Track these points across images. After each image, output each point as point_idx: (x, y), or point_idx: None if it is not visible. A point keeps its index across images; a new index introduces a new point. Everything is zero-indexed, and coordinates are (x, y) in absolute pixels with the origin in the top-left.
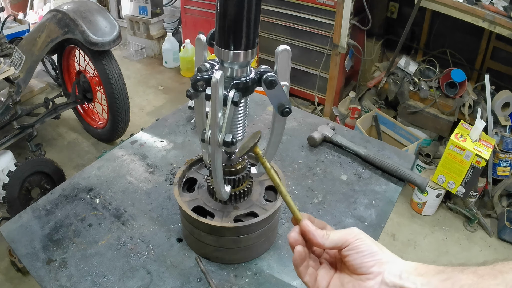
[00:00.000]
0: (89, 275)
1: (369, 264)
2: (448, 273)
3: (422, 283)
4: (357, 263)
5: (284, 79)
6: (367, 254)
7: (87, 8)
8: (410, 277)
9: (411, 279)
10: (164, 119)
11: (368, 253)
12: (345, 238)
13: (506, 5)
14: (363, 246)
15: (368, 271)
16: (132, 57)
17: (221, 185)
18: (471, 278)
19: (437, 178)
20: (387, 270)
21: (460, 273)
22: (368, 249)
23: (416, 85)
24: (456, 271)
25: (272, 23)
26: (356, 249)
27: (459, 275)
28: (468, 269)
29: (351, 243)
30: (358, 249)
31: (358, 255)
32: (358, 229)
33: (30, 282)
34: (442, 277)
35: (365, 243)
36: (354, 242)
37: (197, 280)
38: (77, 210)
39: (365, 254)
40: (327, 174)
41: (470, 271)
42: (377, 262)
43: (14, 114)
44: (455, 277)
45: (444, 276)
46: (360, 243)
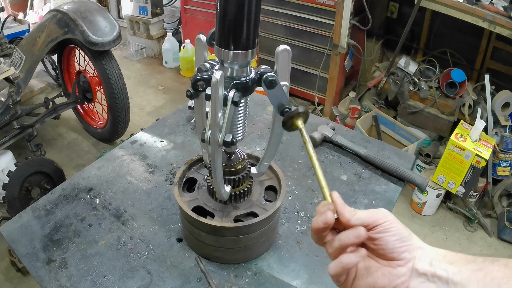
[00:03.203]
0: (89, 275)
1: (401, 250)
2: (479, 263)
3: (454, 272)
4: (389, 248)
5: (284, 79)
6: (398, 239)
7: (87, 8)
8: (441, 265)
9: (442, 266)
10: (164, 119)
11: (400, 238)
12: (374, 217)
13: (506, 5)
14: (394, 229)
15: (400, 257)
16: (132, 57)
17: (221, 185)
18: (502, 270)
19: (437, 178)
20: (418, 256)
21: (491, 264)
22: (399, 233)
23: (416, 85)
24: (487, 262)
25: (272, 23)
26: (387, 232)
27: (490, 266)
28: (498, 260)
29: (381, 225)
30: (389, 232)
31: (390, 238)
32: (386, 210)
33: (30, 282)
34: (474, 267)
35: (395, 227)
36: (384, 224)
37: (197, 280)
38: (77, 210)
39: (397, 238)
40: (327, 174)
41: (502, 263)
42: (409, 247)
43: (14, 114)
44: (486, 268)
45: (475, 266)
46: (391, 226)
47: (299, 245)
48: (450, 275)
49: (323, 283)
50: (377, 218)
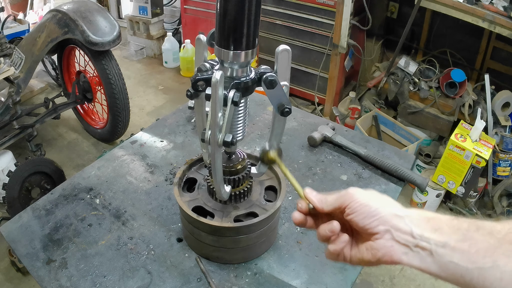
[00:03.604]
0: (89, 275)
1: (372, 225)
2: (464, 232)
3: (437, 243)
4: (360, 226)
5: (284, 79)
6: (365, 216)
7: (87, 8)
8: (424, 234)
9: (425, 236)
10: (164, 119)
11: (366, 215)
12: (340, 200)
13: (506, 5)
14: (359, 207)
15: (374, 231)
16: (132, 57)
17: (221, 185)
18: (487, 240)
19: (437, 178)
20: (395, 227)
21: (476, 233)
22: (365, 210)
23: (416, 85)
24: (471, 230)
25: (272, 23)
26: (354, 212)
27: (475, 235)
28: (483, 228)
29: (347, 206)
30: (356, 211)
31: (358, 217)
32: (353, 189)
33: (30, 282)
34: (459, 237)
35: (360, 203)
36: (350, 205)
37: (197, 280)
38: (77, 210)
39: (364, 216)
40: (327, 174)
41: (486, 232)
42: (380, 220)
43: (14, 114)
44: (471, 238)
45: (460, 236)
46: (356, 205)
47: (299, 245)
48: (433, 247)
49: (323, 283)
50: (343, 200)
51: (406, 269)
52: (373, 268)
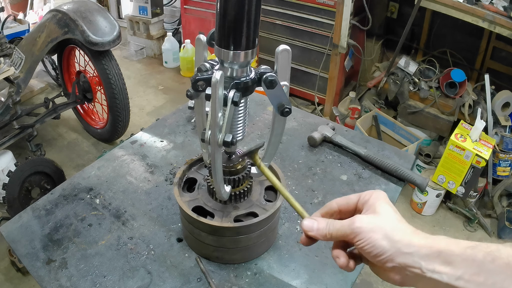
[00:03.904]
0: (89, 275)
1: (382, 262)
2: (479, 264)
3: (450, 277)
4: (372, 261)
5: (284, 79)
6: (374, 255)
7: (87, 8)
8: (435, 269)
9: (436, 271)
10: (164, 119)
11: (375, 254)
12: (344, 233)
13: (506, 5)
14: (367, 246)
15: (385, 267)
16: (132, 57)
17: (221, 185)
18: (504, 271)
19: (437, 178)
20: (403, 264)
21: (492, 264)
22: (373, 250)
23: (416, 85)
24: (487, 262)
25: (272, 23)
26: (363, 248)
27: (490, 266)
28: (500, 258)
29: (355, 242)
30: (364, 250)
31: (368, 255)
32: (358, 221)
33: (30, 282)
34: (473, 270)
35: (368, 244)
36: (357, 242)
37: (197, 280)
38: (77, 210)
39: (373, 255)
40: (327, 174)
41: (503, 262)
42: (388, 258)
43: (14, 114)
44: (487, 272)
45: (475, 269)
46: (363, 244)
47: (299, 245)
48: (446, 279)
49: (323, 283)
50: (347, 234)
51: None
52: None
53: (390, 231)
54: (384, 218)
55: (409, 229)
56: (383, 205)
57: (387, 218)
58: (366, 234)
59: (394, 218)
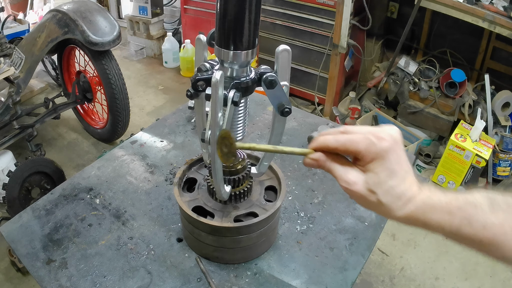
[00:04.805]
0: (89, 275)
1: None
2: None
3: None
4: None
5: (284, 79)
6: (376, 182)
7: (87, 8)
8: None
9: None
10: (164, 119)
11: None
12: (356, 148)
13: (506, 5)
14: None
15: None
16: (132, 57)
17: (221, 185)
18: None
19: (437, 178)
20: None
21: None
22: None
23: (416, 85)
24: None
25: (272, 23)
26: (375, 171)
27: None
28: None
29: (367, 163)
30: (376, 172)
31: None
32: (367, 140)
33: (30, 282)
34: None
35: (380, 173)
36: (368, 164)
37: (197, 280)
38: (77, 210)
39: (375, 182)
40: (327, 174)
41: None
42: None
43: (14, 114)
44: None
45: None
46: (376, 168)
47: (299, 245)
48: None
49: (323, 283)
50: (360, 150)
51: (406, 269)
52: (373, 268)
53: (397, 174)
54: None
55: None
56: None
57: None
58: (378, 167)
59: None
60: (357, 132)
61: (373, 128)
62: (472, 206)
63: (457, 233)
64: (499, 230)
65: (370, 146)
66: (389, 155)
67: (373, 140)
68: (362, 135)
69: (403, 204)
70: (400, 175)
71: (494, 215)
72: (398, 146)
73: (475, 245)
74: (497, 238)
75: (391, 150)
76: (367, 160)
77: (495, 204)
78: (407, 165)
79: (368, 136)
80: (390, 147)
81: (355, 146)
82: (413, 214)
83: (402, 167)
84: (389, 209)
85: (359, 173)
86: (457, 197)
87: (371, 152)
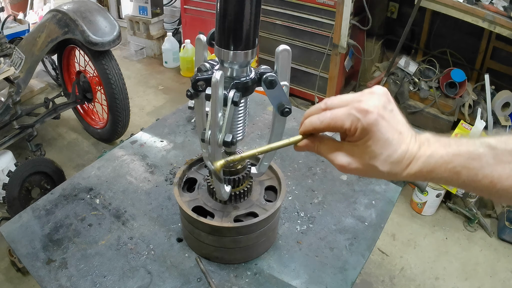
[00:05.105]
0: (89, 275)
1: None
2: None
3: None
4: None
5: (284, 79)
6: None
7: (87, 8)
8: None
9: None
10: (164, 119)
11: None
12: (342, 126)
13: (506, 5)
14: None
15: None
16: (132, 57)
17: (221, 185)
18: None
19: None
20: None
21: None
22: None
23: (416, 85)
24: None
25: (272, 23)
26: (366, 144)
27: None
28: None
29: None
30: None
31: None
32: (351, 117)
33: (30, 282)
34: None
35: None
36: (358, 140)
37: (197, 280)
38: (77, 210)
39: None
40: (327, 174)
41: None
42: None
43: (14, 114)
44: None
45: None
46: (367, 142)
47: (299, 245)
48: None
49: (323, 283)
50: (345, 125)
51: (406, 269)
52: (373, 268)
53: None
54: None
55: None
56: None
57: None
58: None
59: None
60: (339, 105)
61: (355, 98)
62: (477, 161)
63: (465, 187)
64: (507, 182)
65: (355, 123)
66: (378, 127)
67: (357, 115)
68: (344, 110)
69: (405, 166)
70: (395, 141)
71: (500, 166)
72: (386, 111)
73: (484, 195)
74: (506, 189)
75: (379, 120)
76: (355, 137)
77: (499, 154)
78: (401, 124)
79: (351, 112)
80: (377, 118)
81: (340, 124)
82: (417, 174)
83: (396, 131)
84: (392, 174)
85: (350, 152)
86: (460, 150)
87: (358, 129)
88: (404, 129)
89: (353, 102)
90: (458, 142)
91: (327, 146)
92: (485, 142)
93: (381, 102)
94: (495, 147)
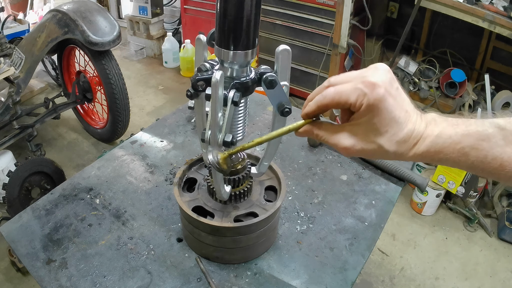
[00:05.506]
0: (89, 275)
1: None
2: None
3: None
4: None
5: (284, 79)
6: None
7: (87, 8)
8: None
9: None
10: (164, 119)
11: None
12: (347, 100)
13: (506, 5)
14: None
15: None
16: (132, 57)
17: (221, 185)
18: None
19: (437, 178)
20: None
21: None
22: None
23: (416, 85)
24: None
25: (272, 23)
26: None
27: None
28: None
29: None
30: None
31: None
32: (358, 91)
33: (30, 282)
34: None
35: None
36: (363, 117)
37: (197, 280)
38: (77, 210)
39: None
40: (327, 174)
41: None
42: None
43: (14, 114)
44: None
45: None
46: (373, 119)
47: (299, 245)
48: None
49: (323, 283)
50: (351, 102)
51: (406, 269)
52: (373, 268)
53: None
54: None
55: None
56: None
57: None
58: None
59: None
60: (344, 80)
61: (362, 73)
62: (486, 141)
63: (473, 170)
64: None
65: (361, 98)
66: (385, 103)
67: (364, 90)
68: (350, 85)
69: (412, 145)
70: (402, 119)
71: (510, 148)
72: (392, 87)
73: (492, 178)
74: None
75: (386, 96)
76: (359, 113)
77: (508, 136)
78: (406, 102)
79: (358, 86)
80: (384, 94)
81: (344, 99)
82: (424, 154)
83: (402, 109)
84: (398, 154)
85: (353, 132)
86: (469, 130)
87: (363, 104)
88: (409, 108)
89: (358, 78)
90: (467, 122)
91: (327, 129)
92: (494, 123)
93: (387, 78)
94: (504, 128)
